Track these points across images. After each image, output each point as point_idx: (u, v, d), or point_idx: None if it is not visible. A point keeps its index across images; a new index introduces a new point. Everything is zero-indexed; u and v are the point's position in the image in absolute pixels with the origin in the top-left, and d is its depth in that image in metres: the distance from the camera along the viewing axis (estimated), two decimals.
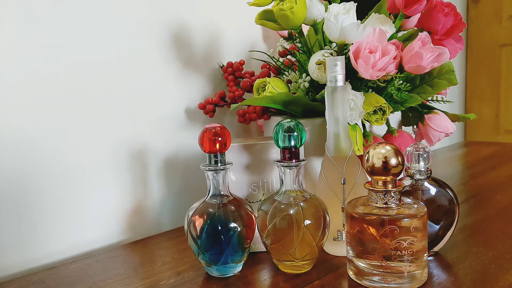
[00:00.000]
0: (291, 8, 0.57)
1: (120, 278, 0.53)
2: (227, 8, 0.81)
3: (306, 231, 0.49)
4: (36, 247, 0.60)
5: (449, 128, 0.67)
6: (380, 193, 0.46)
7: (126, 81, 0.68)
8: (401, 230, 0.44)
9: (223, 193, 0.52)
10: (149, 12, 0.70)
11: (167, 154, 0.74)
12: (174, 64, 0.74)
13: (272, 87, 0.61)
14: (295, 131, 0.50)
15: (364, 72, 0.55)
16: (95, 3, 0.63)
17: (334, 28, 0.56)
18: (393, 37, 0.62)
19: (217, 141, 0.50)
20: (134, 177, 0.69)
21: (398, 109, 0.63)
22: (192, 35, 0.76)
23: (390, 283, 0.45)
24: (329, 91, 0.53)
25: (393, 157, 0.45)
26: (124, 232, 0.69)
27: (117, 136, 0.67)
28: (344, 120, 0.54)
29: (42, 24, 0.58)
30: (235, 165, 0.56)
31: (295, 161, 0.50)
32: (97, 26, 0.64)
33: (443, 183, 0.54)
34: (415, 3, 0.59)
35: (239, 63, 0.77)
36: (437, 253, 0.55)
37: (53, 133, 0.60)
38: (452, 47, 0.63)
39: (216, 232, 0.49)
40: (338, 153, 0.54)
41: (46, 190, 0.60)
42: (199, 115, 0.77)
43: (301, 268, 0.52)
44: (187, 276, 0.53)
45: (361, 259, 0.47)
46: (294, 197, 0.51)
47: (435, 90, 0.63)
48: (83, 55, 0.62)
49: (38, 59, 0.58)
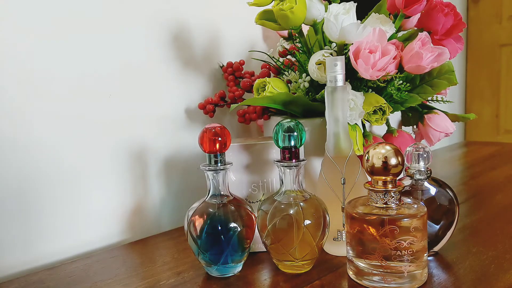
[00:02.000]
0: (291, 8, 0.57)
1: (120, 278, 0.53)
2: (227, 8, 0.81)
3: (306, 231, 0.49)
4: (36, 247, 0.60)
5: (449, 128, 0.67)
6: (380, 193, 0.46)
7: (126, 81, 0.68)
8: (401, 230, 0.44)
9: (223, 193, 0.52)
10: (149, 12, 0.70)
11: (167, 154, 0.74)
12: (174, 64, 0.74)
13: (272, 87, 0.61)
14: (295, 131, 0.50)
15: (364, 72, 0.55)
16: (95, 3, 0.63)
17: (334, 28, 0.56)
18: (393, 37, 0.62)
19: (217, 141, 0.50)
20: (134, 177, 0.69)
21: (398, 109, 0.63)
22: (192, 35, 0.76)
23: (390, 283, 0.45)
24: (329, 91, 0.53)
25: (393, 157, 0.45)
26: (124, 232, 0.69)
27: (117, 136, 0.67)
28: (344, 120, 0.54)
29: (42, 24, 0.58)
30: (235, 165, 0.56)
31: (295, 161, 0.50)
32: (97, 26, 0.64)
33: (443, 183, 0.54)
34: (415, 3, 0.59)
35: (239, 63, 0.77)
36: (437, 253, 0.55)
37: (53, 133, 0.60)
38: (452, 47, 0.63)
39: (216, 232, 0.49)
40: (338, 153, 0.54)
41: (46, 190, 0.60)
42: (199, 115, 0.77)
43: (301, 268, 0.52)
44: (187, 276, 0.53)
45: (361, 259, 0.47)
46: (294, 197, 0.51)
47: (435, 90, 0.63)
48: (83, 55, 0.62)
49: (38, 59, 0.58)
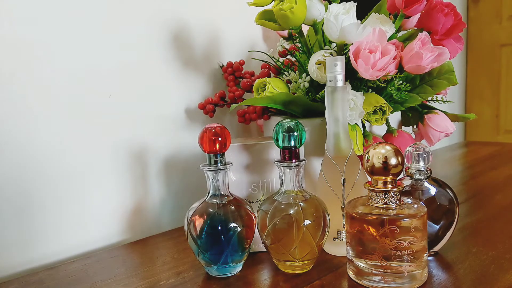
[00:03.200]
0: (291, 8, 0.57)
1: (120, 278, 0.53)
2: (227, 8, 0.81)
3: (306, 231, 0.49)
4: (36, 247, 0.60)
5: (449, 128, 0.67)
6: (380, 193, 0.46)
7: (126, 81, 0.68)
8: (401, 230, 0.44)
9: (223, 193, 0.52)
10: (149, 12, 0.70)
11: (167, 154, 0.74)
12: (174, 64, 0.74)
13: (272, 87, 0.61)
14: (295, 131, 0.50)
15: (364, 72, 0.55)
16: (95, 3, 0.63)
17: (334, 28, 0.56)
18: (393, 37, 0.62)
19: (217, 141, 0.50)
20: (134, 177, 0.69)
21: (398, 109, 0.63)
22: (192, 35, 0.76)
23: (390, 283, 0.45)
24: (329, 91, 0.53)
25: (393, 157, 0.45)
26: (124, 232, 0.69)
27: (117, 136, 0.67)
28: (344, 120, 0.54)
29: (42, 24, 0.58)
30: (235, 165, 0.56)
31: (295, 161, 0.50)
32: (97, 26, 0.64)
33: (443, 183, 0.54)
34: (415, 3, 0.59)
35: (239, 63, 0.77)
36: (437, 253, 0.55)
37: (53, 133, 0.60)
38: (452, 47, 0.63)
39: (216, 232, 0.49)
40: (338, 153, 0.54)
41: (46, 190, 0.60)
42: (199, 115, 0.77)
43: (301, 268, 0.52)
44: (187, 276, 0.53)
45: (361, 259, 0.47)
46: (294, 197, 0.51)
47: (435, 90, 0.63)
48: (83, 55, 0.62)
49: (38, 59, 0.58)
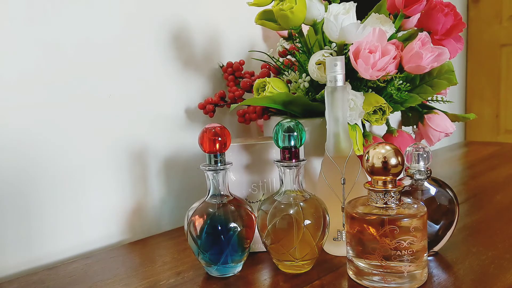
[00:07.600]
0: (291, 8, 0.57)
1: (120, 278, 0.53)
2: (227, 8, 0.81)
3: (306, 231, 0.49)
4: (36, 247, 0.60)
5: (449, 128, 0.67)
6: (380, 193, 0.46)
7: (126, 81, 0.68)
8: (401, 230, 0.44)
9: (223, 193, 0.52)
10: (149, 12, 0.70)
11: (167, 154, 0.74)
12: (174, 64, 0.74)
13: (272, 87, 0.61)
14: (295, 131, 0.50)
15: (364, 72, 0.55)
16: (95, 3, 0.63)
17: (334, 28, 0.56)
18: (393, 37, 0.62)
19: (217, 141, 0.50)
20: (134, 177, 0.69)
21: (398, 109, 0.63)
22: (192, 35, 0.76)
23: (390, 283, 0.45)
24: (329, 91, 0.53)
25: (393, 157, 0.45)
26: (124, 232, 0.69)
27: (117, 136, 0.67)
28: (344, 120, 0.54)
29: (41, 22, 0.58)
30: (235, 165, 0.56)
31: (295, 161, 0.50)
32: (97, 26, 0.64)
33: (443, 183, 0.54)
34: (415, 3, 0.59)
35: (239, 63, 0.77)
36: (437, 253, 0.55)
37: (53, 133, 0.60)
38: (452, 47, 0.63)
39: (216, 232, 0.49)
40: (338, 153, 0.54)
41: (45, 190, 0.60)
42: (199, 115, 0.77)
43: (301, 268, 0.52)
44: (187, 276, 0.53)
45: (361, 259, 0.47)
46: (294, 197, 0.51)
47: (435, 90, 0.63)
48: (83, 55, 0.62)
49: (38, 58, 0.58)
